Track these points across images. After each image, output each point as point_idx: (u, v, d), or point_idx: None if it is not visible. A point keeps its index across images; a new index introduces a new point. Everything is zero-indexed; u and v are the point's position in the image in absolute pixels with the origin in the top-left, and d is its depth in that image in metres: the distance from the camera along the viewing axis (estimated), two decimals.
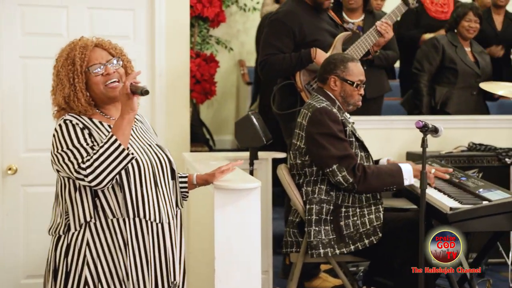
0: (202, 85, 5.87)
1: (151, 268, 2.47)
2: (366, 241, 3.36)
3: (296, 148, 3.55)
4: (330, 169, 3.39)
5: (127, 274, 2.43)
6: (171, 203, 2.56)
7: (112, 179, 2.37)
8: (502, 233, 3.57)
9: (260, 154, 4.20)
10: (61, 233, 2.47)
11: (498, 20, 6.06)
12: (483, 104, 5.26)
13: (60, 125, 2.43)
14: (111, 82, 2.49)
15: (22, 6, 4.23)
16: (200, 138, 6.50)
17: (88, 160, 2.33)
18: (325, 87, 3.59)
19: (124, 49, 2.64)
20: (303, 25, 4.16)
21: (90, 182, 2.34)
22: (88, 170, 2.33)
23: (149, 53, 4.47)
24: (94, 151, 2.35)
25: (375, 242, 3.36)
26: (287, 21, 4.16)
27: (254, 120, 4.04)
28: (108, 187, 2.40)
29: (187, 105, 4.66)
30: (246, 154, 4.17)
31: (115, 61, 2.52)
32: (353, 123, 3.63)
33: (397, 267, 3.36)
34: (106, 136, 2.40)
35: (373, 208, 3.45)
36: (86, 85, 2.48)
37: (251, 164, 4.08)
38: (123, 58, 2.58)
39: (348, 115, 3.65)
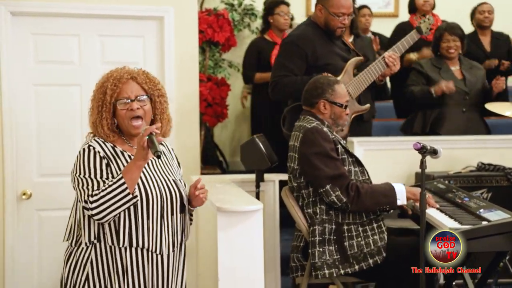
0: (213, 108, 5.93)
1: None
2: (370, 261, 3.39)
3: (291, 171, 3.61)
4: (324, 189, 3.44)
5: None
6: (174, 235, 2.68)
7: (113, 216, 2.55)
8: (505, 253, 3.57)
9: (267, 176, 4.25)
10: (73, 245, 2.65)
11: (486, 41, 6.04)
12: (479, 122, 5.22)
13: (83, 150, 2.62)
14: (135, 119, 2.63)
15: (35, 35, 4.34)
16: (213, 160, 6.57)
17: (96, 195, 2.52)
18: (314, 110, 3.65)
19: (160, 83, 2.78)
20: (316, 49, 4.20)
21: (93, 215, 2.53)
22: (94, 204, 2.52)
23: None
24: (103, 188, 2.53)
25: (379, 262, 3.38)
26: (301, 43, 4.20)
27: (259, 143, 4.09)
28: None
29: (196, 129, 4.73)
30: None
31: (143, 97, 2.67)
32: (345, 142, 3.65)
33: None
34: (121, 171, 2.56)
35: (375, 225, 3.48)
36: (114, 114, 2.65)
37: (257, 186, 4.13)
38: (154, 93, 2.72)
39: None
